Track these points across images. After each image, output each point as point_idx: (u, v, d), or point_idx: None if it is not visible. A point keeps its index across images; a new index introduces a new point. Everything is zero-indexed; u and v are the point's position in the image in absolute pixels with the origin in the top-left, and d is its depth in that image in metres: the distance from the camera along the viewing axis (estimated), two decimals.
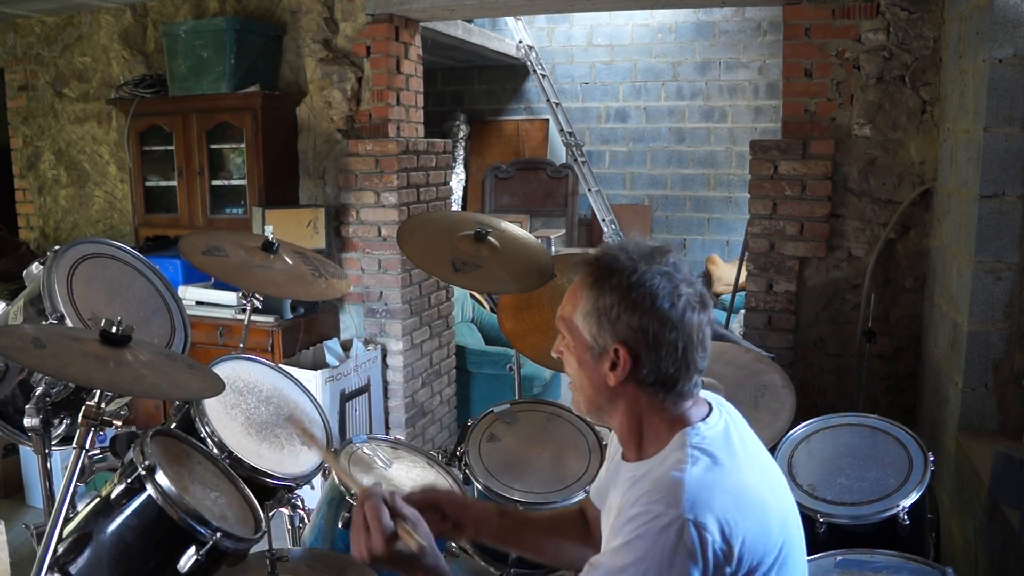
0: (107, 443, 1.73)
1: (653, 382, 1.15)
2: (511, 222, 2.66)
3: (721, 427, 1.17)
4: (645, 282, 1.13)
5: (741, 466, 1.12)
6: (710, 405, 1.22)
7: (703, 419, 1.18)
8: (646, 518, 1.04)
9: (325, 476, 2.04)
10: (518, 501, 1.98)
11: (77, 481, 1.40)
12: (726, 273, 6.41)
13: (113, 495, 1.49)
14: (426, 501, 1.36)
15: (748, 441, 1.20)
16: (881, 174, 3.20)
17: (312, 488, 2.20)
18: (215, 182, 4.05)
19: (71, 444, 1.46)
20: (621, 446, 1.25)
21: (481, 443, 2.18)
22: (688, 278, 1.16)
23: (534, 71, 6.79)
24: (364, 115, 3.97)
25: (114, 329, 1.48)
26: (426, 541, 1.18)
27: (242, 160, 3.97)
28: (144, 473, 1.48)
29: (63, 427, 1.73)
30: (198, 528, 1.46)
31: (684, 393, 1.17)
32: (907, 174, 3.17)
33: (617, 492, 1.22)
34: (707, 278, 6.54)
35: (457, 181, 7.50)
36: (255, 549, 1.63)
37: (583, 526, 1.50)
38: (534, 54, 6.84)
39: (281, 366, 2.30)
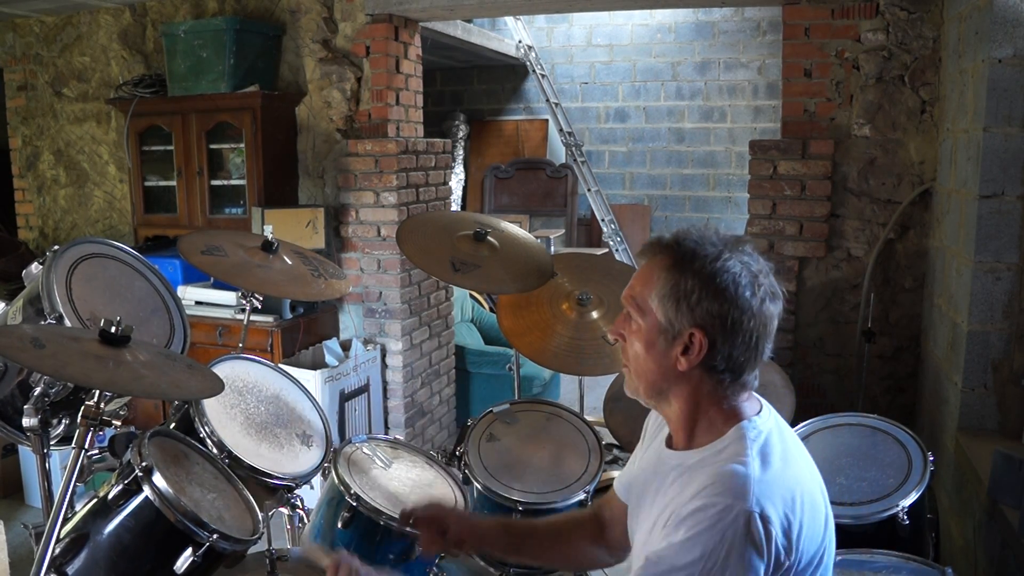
0: (106, 443, 1.73)
1: (723, 369, 1.15)
2: (511, 222, 2.66)
3: (772, 424, 1.18)
4: (729, 268, 1.12)
5: (795, 463, 1.13)
6: (760, 403, 1.22)
7: (756, 414, 1.18)
8: (712, 511, 1.04)
9: (324, 476, 2.04)
10: (518, 501, 1.98)
11: (76, 481, 1.40)
12: None
13: (110, 496, 1.49)
14: (428, 517, 1.45)
15: (793, 441, 1.20)
16: (880, 174, 3.20)
17: (312, 488, 2.20)
18: (214, 182, 4.05)
19: (70, 444, 1.46)
20: (671, 432, 1.25)
21: (480, 443, 2.18)
22: (765, 269, 1.15)
23: (533, 71, 6.79)
24: (364, 115, 3.97)
25: (113, 329, 1.48)
26: None
27: (241, 160, 3.96)
28: (141, 474, 1.47)
29: (62, 427, 1.73)
30: (195, 529, 1.46)
31: (747, 384, 1.17)
32: (906, 174, 3.17)
33: (661, 481, 1.21)
34: None
35: (457, 181, 7.50)
36: (255, 549, 1.63)
37: (596, 528, 1.49)
38: (533, 54, 6.84)
39: (280, 366, 2.30)
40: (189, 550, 1.46)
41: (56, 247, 1.86)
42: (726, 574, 1.01)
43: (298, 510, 2.04)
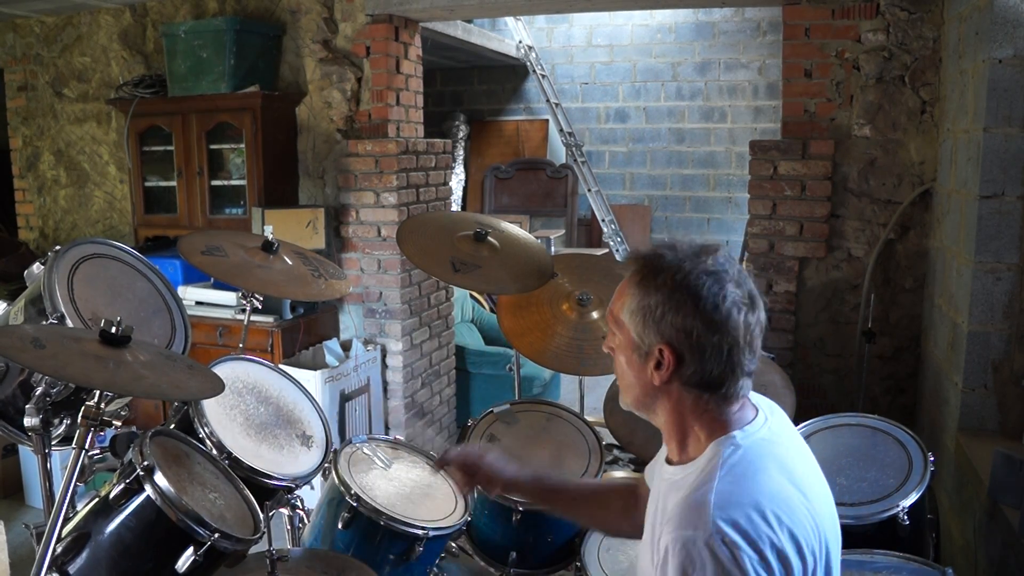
0: (107, 443, 1.73)
1: (697, 383, 1.13)
2: (511, 222, 2.66)
3: (763, 433, 1.14)
4: (689, 283, 1.11)
5: (773, 477, 1.10)
6: (757, 409, 1.19)
7: (746, 424, 1.15)
8: (679, 545, 1.04)
9: (325, 476, 2.04)
10: (518, 501, 1.98)
11: (77, 481, 1.40)
12: None
13: (112, 495, 1.49)
14: (460, 459, 1.58)
15: (791, 449, 1.17)
16: (881, 174, 3.20)
17: (312, 488, 2.20)
18: (215, 182, 4.05)
19: (71, 444, 1.46)
20: (666, 444, 1.24)
21: (481, 443, 2.18)
22: (737, 277, 1.12)
23: (534, 71, 6.79)
24: (364, 115, 3.97)
25: (114, 329, 1.48)
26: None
27: (242, 160, 3.97)
28: (143, 474, 1.48)
29: (63, 427, 1.73)
30: (196, 529, 1.46)
31: (729, 396, 1.14)
32: (907, 174, 3.17)
33: (657, 491, 1.22)
34: None
35: (457, 181, 7.50)
36: (255, 549, 1.63)
37: (630, 501, 1.50)
38: (534, 54, 6.84)
39: (281, 366, 2.30)
40: (191, 549, 1.46)
41: (58, 247, 1.87)
42: None
43: (298, 511, 2.04)
